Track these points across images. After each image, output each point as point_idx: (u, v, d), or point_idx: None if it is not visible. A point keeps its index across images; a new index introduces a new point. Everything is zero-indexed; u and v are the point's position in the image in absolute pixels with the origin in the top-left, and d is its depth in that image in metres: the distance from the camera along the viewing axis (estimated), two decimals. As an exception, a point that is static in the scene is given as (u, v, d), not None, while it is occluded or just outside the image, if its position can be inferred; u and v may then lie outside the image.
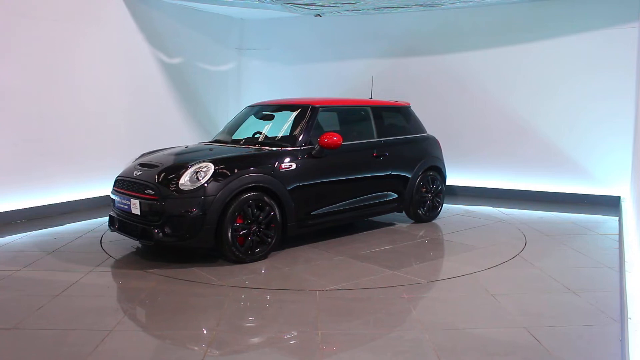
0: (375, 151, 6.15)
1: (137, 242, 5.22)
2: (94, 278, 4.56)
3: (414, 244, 5.81)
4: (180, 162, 5.15)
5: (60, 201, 7.05)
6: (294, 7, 8.14)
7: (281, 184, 5.17)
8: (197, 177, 4.81)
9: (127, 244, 5.64)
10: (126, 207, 5.08)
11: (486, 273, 4.74)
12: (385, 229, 6.47)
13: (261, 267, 4.89)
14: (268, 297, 4.15)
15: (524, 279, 4.60)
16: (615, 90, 7.60)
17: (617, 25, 7.58)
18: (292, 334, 3.49)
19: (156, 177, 4.98)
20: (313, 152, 5.50)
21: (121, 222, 5.20)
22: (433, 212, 6.85)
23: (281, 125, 5.93)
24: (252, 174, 5.00)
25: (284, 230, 5.22)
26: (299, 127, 5.66)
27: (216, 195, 4.78)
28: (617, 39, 7.57)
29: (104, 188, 7.60)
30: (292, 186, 5.26)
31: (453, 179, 8.81)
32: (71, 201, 7.18)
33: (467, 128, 8.68)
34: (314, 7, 8.18)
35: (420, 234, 6.25)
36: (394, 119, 6.78)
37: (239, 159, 5.21)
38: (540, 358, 3.15)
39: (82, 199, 7.32)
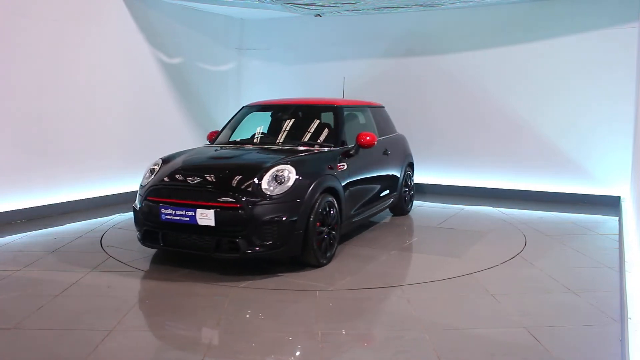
0: (383, 149, 6.32)
1: (209, 256, 4.61)
2: (94, 278, 4.56)
3: (425, 238, 5.82)
4: (248, 165, 4.86)
5: (60, 201, 7.04)
6: (294, 7, 8.14)
7: (340, 184, 5.17)
8: (279, 180, 4.53)
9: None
10: (187, 218, 4.48)
11: (486, 273, 4.74)
12: (380, 224, 6.48)
13: (333, 269, 4.81)
14: (268, 297, 4.15)
15: (524, 279, 4.60)
16: (615, 91, 7.60)
17: (617, 25, 7.58)
18: (292, 334, 3.49)
19: (231, 182, 4.54)
20: (351, 152, 5.54)
21: (174, 236, 4.66)
22: (410, 205, 7.31)
23: (307, 126, 5.88)
24: (327, 175, 4.93)
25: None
26: (336, 128, 5.68)
27: (304, 198, 4.57)
28: (617, 39, 7.56)
29: (104, 188, 7.62)
30: (344, 185, 5.27)
31: (453, 179, 8.83)
32: (71, 201, 7.18)
33: (467, 128, 8.68)
34: (314, 7, 8.18)
35: (414, 240, 6.25)
36: (381, 118, 6.87)
37: (309, 161, 5.00)
38: (540, 358, 3.15)
39: (82, 199, 7.32)
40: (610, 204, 7.59)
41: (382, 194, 6.31)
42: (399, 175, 6.77)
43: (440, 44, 8.77)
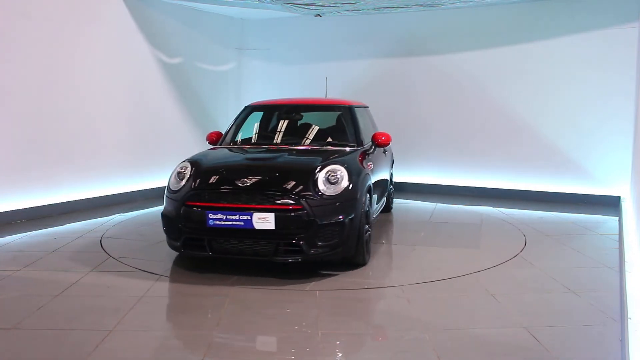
0: (383, 149, 6.40)
1: (258, 260, 4.54)
2: (94, 278, 4.56)
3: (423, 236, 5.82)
4: (299, 166, 4.80)
5: (60, 201, 7.04)
6: (294, 7, 8.14)
7: (371, 183, 5.21)
8: (332, 181, 4.50)
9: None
10: (241, 223, 4.32)
11: (486, 273, 4.74)
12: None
13: (371, 266, 4.85)
14: (268, 297, 4.15)
15: (524, 279, 4.60)
16: (615, 90, 7.61)
17: (617, 25, 7.59)
18: (292, 334, 3.49)
19: (287, 183, 4.43)
20: (370, 151, 5.59)
21: (222, 242, 4.47)
22: (392, 202, 7.47)
23: (325, 125, 5.95)
24: (367, 174, 4.98)
25: None
26: (354, 127, 5.71)
27: (357, 198, 4.58)
28: (617, 38, 7.57)
29: (104, 188, 7.62)
30: (372, 184, 5.31)
31: (453, 179, 8.83)
32: (71, 201, 7.18)
33: (467, 128, 8.68)
34: (314, 7, 8.18)
35: (421, 234, 6.25)
36: (369, 117, 6.87)
37: (353, 161, 4.97)
38: (540, 358, 3.15)
39: (82, 199, 7.32)
40: (610, 204, 7.59)
41: (385, 192, 6.54)
42: (391, 173, 7.08)
43: (440, 44, 8.77)
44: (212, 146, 5.89)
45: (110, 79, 7.68)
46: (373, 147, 5.69)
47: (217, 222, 4.36)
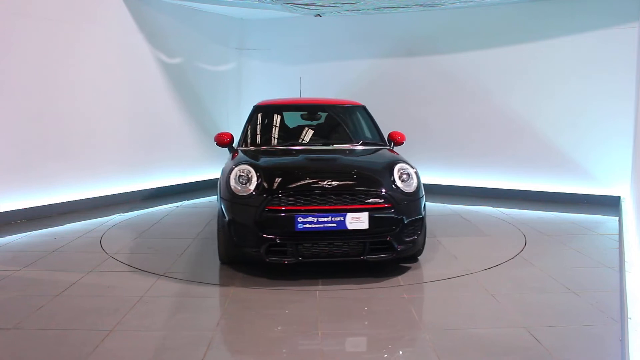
0: None
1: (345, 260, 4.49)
2: (94, 278, 4.56)
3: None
4: (375, 165, 4.87)
5: (60, 201, 7.04)
6: (294, 7, 8.14)
7: None
8: (403, 179, 4.60)
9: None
10: (334, 224, 4.26)
11: (486, 273, 4.74)
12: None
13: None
14: (268, 297, 4.15)
15: (524, 279, 4.60)
16: (615, 90, 7.60)
17: (617, 25, 7.59)
18: (292, 334, 3.49)
19: (373, 183, 4.50)
20: (393, 149, 5.68)
21: (310, 246, 4.35)
22: None
23: (349, 125, 5.97)
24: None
25: None
26: (375, 126, 5.88)
27: (424, 194, 4.76)
28: (617, 38, 7.57)
29: (104, 188, 7.62)
30: None
31: (453, 179, 8.83)
32: (71, 201, 7.18)
33: (467, 128, 8.68)
34: (314, 7, 8.18)
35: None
36: None
37: (402, 160, 5.01)
38: (540, 358, 3.15)
39: (82, 199, 7.32)
40: (610, 204, 7.59)
41: None
42: None
43: (440, 44, 8.77)
44: (221, 147, 5.64)
45: (109, 79, 7.68)
46: (392, 146, 5.79)
47: (307, 226, 4.24)
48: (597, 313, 3.83)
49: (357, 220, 4.26)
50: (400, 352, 3.22)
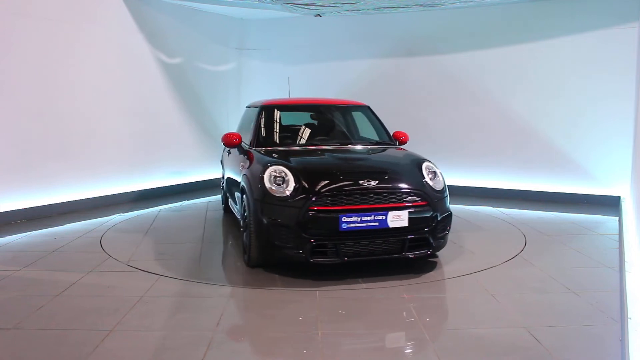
0: None
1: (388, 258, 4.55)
2: (94, 278, 4.56)
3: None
4: (405, 163, 4.91)
5: (60, 201, 7.05)
6: (294, 7, 8.14)
7: None
8: (431, 177, 4.77)
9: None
10: (376, 223, 4.32)
11: (486, 273, 4.74)
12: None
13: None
14: (268, 297, 4.15)
15: (524, 279, 4.60)
16: (615, 90, 7.60)
17: (617, 25, 7.58)
18: (292, 334, 3.49)
19: (409, 181, 4.59)
20: (401, 148, 5.72)
21: (352, 245, 4.37)
22: None
23: (361, 125, 6.06)
24: None
25: None
26: (382, 126, 5.98)
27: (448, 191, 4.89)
28: (617, 38, 7.56)
29: (104, 188, 7.63)
30: None
31: (454, 179, 8.82)
32: (71, 201, 7.18)
33: (467, 128, 8.68)
34: (314, 7, 8.18)
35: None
36: None
37: (426, 158, 5.16)
38: (540, 358, 3.15)
39: (82, 199, 7.33)
40: (610, 204, 7.59)
41: None
42: None
43: (440, 44, 8.77)
44: (229, 148, 5.57)
45: (109, 79, 7.68)
46: (398, 144, 5.86)
47: (351, 225, 4.28)
48: (597, 313, 3.83)
49: (398, 218, 4.35)
50: (401, 352, 3.22)
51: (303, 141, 5.65)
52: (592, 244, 5.78)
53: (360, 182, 4.41)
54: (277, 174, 4.52)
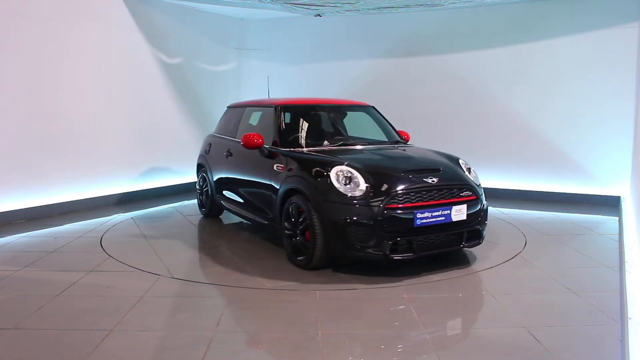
0: None
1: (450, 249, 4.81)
2: (94, 278, 4.56)
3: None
4: (446, 160, 5.16)
5: (60, 201, 7.05)
6: (294, 7, 8.14)
7: None
8: (469, 172, 5.08)
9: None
10: (442, 218, 4.53)
11: (486, 273, 4.74)
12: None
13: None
14: (268, 297, 4.15)
15: (524, 279, 4.60)
16: (615, 90, 7.60)
17: (617, 25, 7.58)
18: (292, 334, 3.49)
19: (461, 177, 4.90)
20: (416, 146, 5.88)
21: (423, 240, 4.52)
22: None
23: (371, 125, 6.17)
24: None
25: None
26: (391, 125, 6.20)
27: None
28: (617, 38, 7.56)
29: (104, 188, 7.63)
30: None
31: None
32: (71, 201, 7.18)
33: (467, 128, 8.68)
34: (314, 7, 8.18)
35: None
36: None
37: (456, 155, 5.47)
38: (540, 358, 3.15)
39: (82, 199, 7.32)
40: (610, 204, 7.59)
41: None
42: None
43: (441, 44, 8.77)
44: (251, 150, 5.44)
45: (109, 79, 7.68)
46: (403, 143, 5.99)
47: (424, 221, 4.47)
48: (597, 313, 3.83)
49: (459, 212, 4.63)
50: (400, 352, 3.22)
51: (327, 142, 5.53)
52: (592, 244, 5.78)
53: (425, 179, 4.60)
54: (347, 175, 4.52)
